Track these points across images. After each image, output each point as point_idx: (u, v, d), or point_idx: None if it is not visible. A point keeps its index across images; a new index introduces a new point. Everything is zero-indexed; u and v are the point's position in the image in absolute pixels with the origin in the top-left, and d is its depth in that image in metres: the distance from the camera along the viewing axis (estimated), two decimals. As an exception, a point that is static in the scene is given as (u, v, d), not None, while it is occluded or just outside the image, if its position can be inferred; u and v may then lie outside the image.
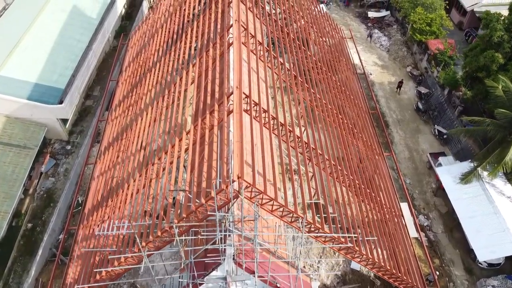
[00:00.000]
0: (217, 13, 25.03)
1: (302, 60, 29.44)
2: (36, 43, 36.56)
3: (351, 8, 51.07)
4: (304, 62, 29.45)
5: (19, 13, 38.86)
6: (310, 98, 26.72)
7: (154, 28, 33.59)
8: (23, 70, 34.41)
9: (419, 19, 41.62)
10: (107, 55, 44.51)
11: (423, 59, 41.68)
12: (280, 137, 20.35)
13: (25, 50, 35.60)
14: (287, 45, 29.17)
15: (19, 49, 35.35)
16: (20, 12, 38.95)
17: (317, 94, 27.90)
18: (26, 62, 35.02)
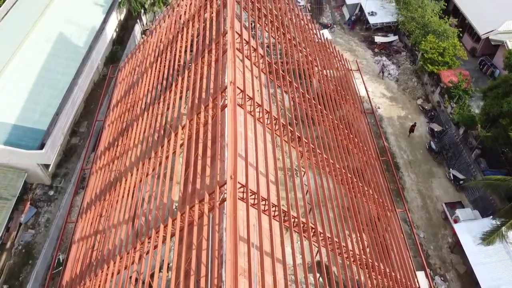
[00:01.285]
0: (210, 64, 22.07)
1: (302, 100, 26.46)
2: (15, 78, 33.70)
3: (356, 31, 48.12)
4: (306, 101, 26.52)
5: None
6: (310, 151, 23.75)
7: (144, 66, 30.65)
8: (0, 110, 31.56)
9: (431, 48, 38.68)
10: (96, 85, 41.61)
11: (435, 91, 38.73)
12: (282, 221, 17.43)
13: (3, 87, 32.71)
14: (287, 83, 26.20)
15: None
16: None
17: (320, 142, 24.93)
18: (3, 101, 32.16)
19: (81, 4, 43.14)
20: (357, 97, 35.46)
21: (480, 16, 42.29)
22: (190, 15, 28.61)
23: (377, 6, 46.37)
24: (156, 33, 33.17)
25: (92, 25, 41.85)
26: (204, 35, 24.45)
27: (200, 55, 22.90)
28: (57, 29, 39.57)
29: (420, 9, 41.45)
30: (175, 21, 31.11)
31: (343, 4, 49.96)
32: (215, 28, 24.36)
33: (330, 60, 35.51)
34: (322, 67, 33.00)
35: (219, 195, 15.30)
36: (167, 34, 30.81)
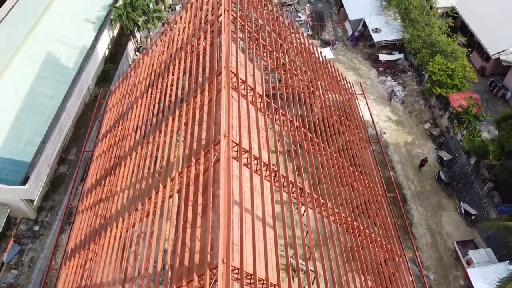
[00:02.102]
0: (202, 106, 20.04)
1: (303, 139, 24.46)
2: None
3: (360, 48, 46.07)
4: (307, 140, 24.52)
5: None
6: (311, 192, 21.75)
7: (134, 95, 28.62)
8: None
9: (439, 70, 36.65)
10: (86, 106, 39.57)
11: (443, 116, 36.69)
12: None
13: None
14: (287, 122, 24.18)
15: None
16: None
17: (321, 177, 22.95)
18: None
19: (71, 22, 41.14)
20: (361, 124, 33.46)
21: (490, 35, 40.27)
22: (184, 41, 26.57)
23: (381, 23, 44.30)
24: (149, 57, 31.14)
25: (83, 44, 39.85)
26: (197, 70, 22.41)
27: (193, 94, 20.88)
28: (45, 49, 37.59)
29: (427, 27, 39.40)
30: (168, 46, 29.10)
31: (346, 19, 47.93)
32: (209, 59, 22.32)
33: (333, 84, 33.51)
34: (324, 91, 31.03)
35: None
36: (160, 59, 28.79)
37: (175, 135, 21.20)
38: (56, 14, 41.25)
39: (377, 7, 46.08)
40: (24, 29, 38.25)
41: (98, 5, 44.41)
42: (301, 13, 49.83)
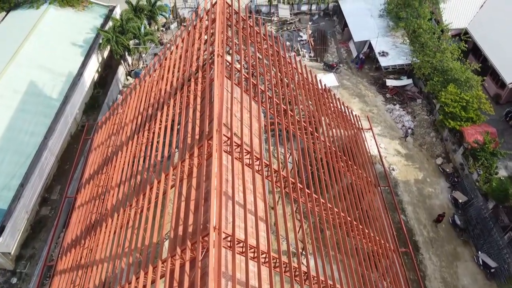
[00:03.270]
0: (191, 171, 17.30)
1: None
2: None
3: (365, 71, 43.32)
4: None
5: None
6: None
7: (119, 139, 25.88)
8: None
9: (452, 101, 33.91)
10: (72, 138, 36.79)
11: (457, 151, 33.96)
12: None
13: (-44, 159, 28.04)
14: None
15: None
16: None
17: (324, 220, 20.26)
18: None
19: (57, 46, 38.44)
20: (368, 162, 30.74)
21: (506, 59, 37.59)
22: (173, 83, 23.82)
23: (388, 45, 41.56)
24: (136, 93, 28.39)
25: (69, 70, 37.15)
26: (186, 124, 19.67)
27: (181, 157, 18.14)
28: (27, 77, 34.90)
29: (438, 53, 36.64)
30: (157, 83, 26.36)
31: (350, 39, 45.19)
32: (199, 113, 19.56)
33: (338, 120, 30.81)
34: (327, 128, 28.36)
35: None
36: (148, 98, 26.04)
37: (161, 201, 18.46)
38: (41, 38, 38.56)
39: (383, 28, 43.37)
40: (4, 55, 35.54)
41: (86, 27, 41.74)
42: (303, 33, 47.11)
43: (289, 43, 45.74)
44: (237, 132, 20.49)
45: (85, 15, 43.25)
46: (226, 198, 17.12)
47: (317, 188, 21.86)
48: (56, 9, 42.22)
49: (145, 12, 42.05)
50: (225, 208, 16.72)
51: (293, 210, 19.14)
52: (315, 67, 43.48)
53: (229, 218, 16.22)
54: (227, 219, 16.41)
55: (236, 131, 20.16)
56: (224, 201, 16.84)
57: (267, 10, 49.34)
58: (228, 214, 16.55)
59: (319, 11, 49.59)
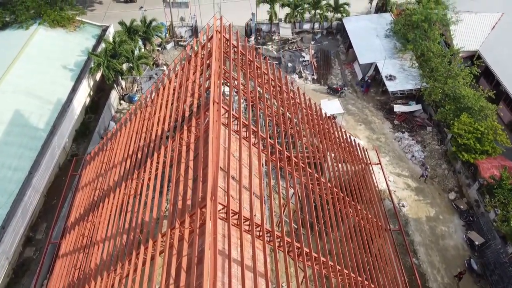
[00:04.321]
0: (183, 237, 15.07)
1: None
2: None
3: (371, 95, 41.15)
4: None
5: None
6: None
7: (106, 183, 23.63)
8: None
9: (465, 132, 31.71)
10: (61, 170, 34.50)
11: (471, 186, 31.71)
12: None
13: None
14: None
15: None
16: None
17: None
18: None
19: (46, 70, 36.37)
20: (377, 198, 28.50)
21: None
22: (165, 127, 21.61)
23: (395, 68, 39.40)
24: (126, 130, 26.18)
25: (58, 97, 35.05)
26: (177, 184, 17.43)
27: (170, 224, 15.91)
28: (12, 105, 32.81)
29: (449, 79, 34.47)
30: (148, 123, 24.16)
31: (355, 60, 43.06)
32: (190, 177, 17.33)
33: (344, 155, 28.63)
34: (332, 165, 26.18)
35: None
36: (138, 140, 23.83)
37: (148, 270, 16.20)
38: (29, 62, 36.50)
39: (390, 49, 41.27)
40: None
41: (77, 49, 39.69)
42: (305, 53, 45.00)
43: (291, 64, 43.63)
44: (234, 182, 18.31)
45: (77, 36, 41.21)
46: (222, 272, 14.91)
47: (323, 246, 19.60)
48: (46, 30, 40.20)
49: (140, 33, 39.94)
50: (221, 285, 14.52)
51: (298, 278, 16.85)
52: (319, 91, 41.38)
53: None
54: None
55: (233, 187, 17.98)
56: (219, 277, 14.64)
57: (267, 29, 47.25)
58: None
59: (322, 30, 47.50)
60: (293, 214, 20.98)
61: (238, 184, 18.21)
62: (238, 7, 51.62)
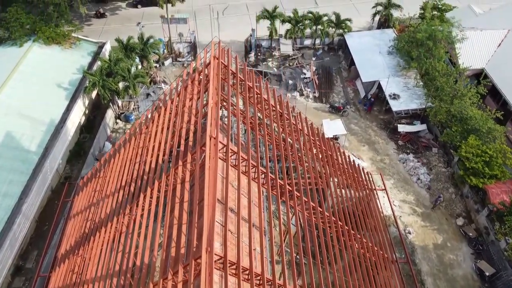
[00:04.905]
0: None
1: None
2: None
3: (374, 114, 40.02)
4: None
5: None
6: None
7: (97, 215, 22.40)
8: None
9: (473, 155, 30.52)
10: (54, 193, 33.23)
11: (480, 211, 30.47)
12: None
13: None
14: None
15: None
16: None
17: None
18: None
19: (39, 89, 35.33)
20: (384, 232, 27.22)
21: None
22: (159, 161, 20.44)
23: (399, 87, 38.33)
24: (120, 157, 25.00)
25: (51, 118, 33.95)
26: (171, 225, 16.21)
27: (162, 274, 14.66)
28: (3, 127, 31.66)
29: (456, 100, 33.37)
30: (142, 152, 22.97)
31: (357, 77, 42.00)
32: (186, 208, 16.11)
33: (348, 181, 27.43)
34: (335, 189, 25.02)
35: None
36: (132, 167, 22.63)
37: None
38: (22, 80, 35.48)
39: (393, 67, 40.24)
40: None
41: (73, 66, 38.69)
42: (306, 69, 43.97)
43: (292, 82, 42.59)
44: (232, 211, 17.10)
45: (72, 53, 40.21)
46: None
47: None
48: (41, 47, 39.20)
49: (137, 50, 38.93)
50: None
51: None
52: (320, 109, 40.28)
53: None
54: None
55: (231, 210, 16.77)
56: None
57: (268, 45, 46.29)
58: None
59: (323, 46, 46.54)
60: (295, 248, 19.85)
61: (237, 215, 17.10)
62: (237, 22, 50.79)
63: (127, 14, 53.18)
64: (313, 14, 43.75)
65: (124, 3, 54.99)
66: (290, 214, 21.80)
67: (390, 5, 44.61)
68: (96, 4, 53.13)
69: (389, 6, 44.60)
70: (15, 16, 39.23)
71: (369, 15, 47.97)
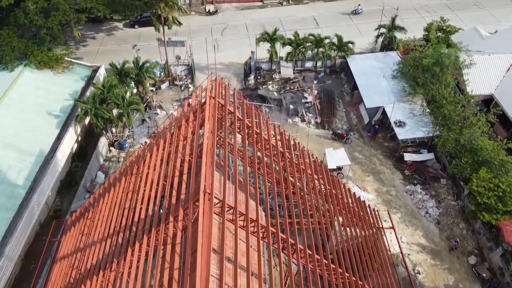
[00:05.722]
0: None
1: None
2: None
3: (379, 141, 38.41)
4: None
5: None
6: None
7: (83, 264, 20.62)
8: None
9: (485, 190, 28.82)
10: (42, 227, 31.44)
11: (493, 250, 28.69)
12: None
13: None
14: None
15: None
16: None
17: None
18: None
19: (29, 118, 33.79)
20: (391, 272, 25.40)
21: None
22: (149, 213, 18.74)
23: (405, 113, 36.80)
24: (109, 196, 23.31)
25: (40, 148, 32.33)
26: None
27: None
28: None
29: (466, 130, 31.81)
30: (131, 197, 21.29)
31: (360, 102, 40.49)
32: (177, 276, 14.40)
33: (353, 220, 25.71)
34: (340, 229, 23.31)
35: None
36: (121, 213, 20.92)
37: None
38: (11, 108, 33.99)
39: (398, 92, 38.80)
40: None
41: (65, 92, 37.26)
42: (308, 93, 42.49)
43: (293, 107, 41.08)
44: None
45: (65, 78, 38.77)
46: None
47: None
48: (32, 71, 37.79)
49: (132, 75, 37.48)
50: None
51: None
52: (323, 136, 38.71)
53: None
54: None
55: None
56: None
57: (268, 67, 44.91)
58: None
59: (324, 69, 45.10)
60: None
61: (234, 265, 15.43)
62: (237, 44, 49.50)
63: (124, 35, 51.91)
64: (314, 37, 42.42)
65: (121, 23, 53.75)
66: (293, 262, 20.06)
67: (393, 27, 43.31)
68: (92, 25, 51.86)
69: (393, 29, 43.30)
70: (7, 39, 37.90)
71: (372, 35, 46.72)
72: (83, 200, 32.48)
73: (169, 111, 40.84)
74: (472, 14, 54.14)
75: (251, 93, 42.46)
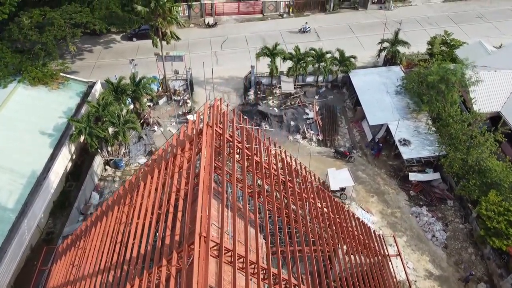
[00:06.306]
0: None
1: None
2: None
3: (383, 159, 37.28)
4: None
5: None
6: None
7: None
8: None
9: (494, 214, 27.66)
10: (33, 251, 30.19)
11: (504, 277, 27.43)
12: None
13: None
14: None
15: None
16: None
17: None
18: None
19: (21, 138, 32.70)
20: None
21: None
22: (141, 253, 17.57)
23: (409, 131, 35.70)
24: (102, 225, 22.13)
25: (32, 169, 31.24)
26: None
27: None
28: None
29: (473, 150, 30.69)
30: (125, 224, 20.13)
31: (363, 118, 39.42)
32: None
33: (357, 248, 24.50)
34: (344, 257, 22.10)
35: None
36: (113, 247, 19.73)
37: None
38: (2, 127, 32.86)
39: (402, 108, 37.73)
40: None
41: (59, 109, 36.22)
42: (309, 109, 41.45)
43: (294, 123, 40.00)
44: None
45: (60, 94, 37.74)
46: None
47: None
48: (26, 88, 36.78)
49: (128, 92, 36.44)
50: None
51: None
52: (325, 154, 37.56)
53: None
54: None
55: None
56: None
57: (268, 82, 43.90)
58: None
59: (326, 83, 44.07)
60: None
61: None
62: (236, 57, 48.52)
63: (122, 48, 50.96)
64: (315, 51, 41.43)
65: (119, 36, 52.85)
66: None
67: (397, 42, 42.35)
68: (89, 37, 50.94)
69: (396, 43, 42.33)
70: (0, 55, 36.92)
71: (374, 49, 45.73)
72: (76, 223, 31.32)
73: (166, 127, 39.79)
74: (476, 27, 53.21)
75: (251, 108, 41.41)
